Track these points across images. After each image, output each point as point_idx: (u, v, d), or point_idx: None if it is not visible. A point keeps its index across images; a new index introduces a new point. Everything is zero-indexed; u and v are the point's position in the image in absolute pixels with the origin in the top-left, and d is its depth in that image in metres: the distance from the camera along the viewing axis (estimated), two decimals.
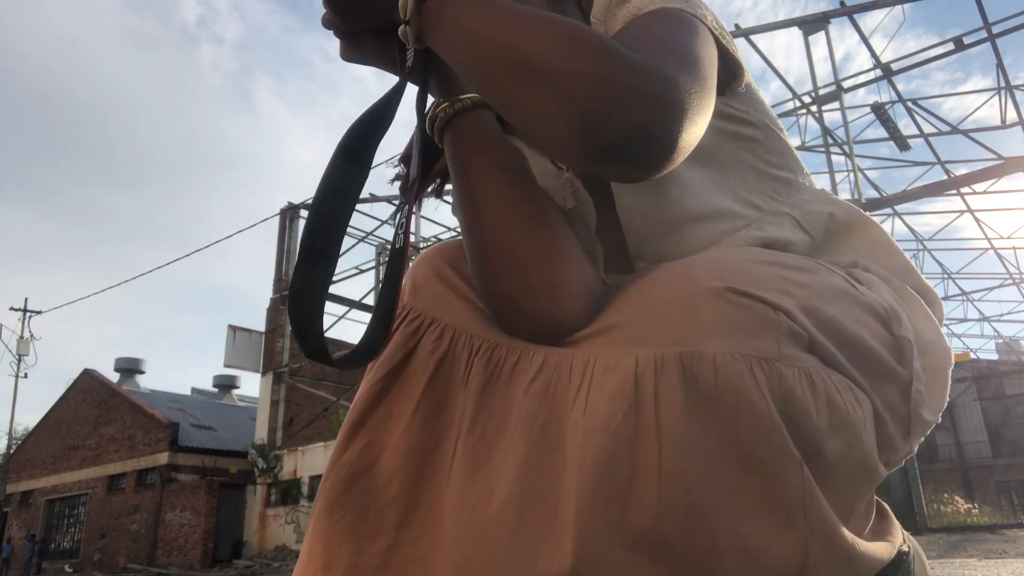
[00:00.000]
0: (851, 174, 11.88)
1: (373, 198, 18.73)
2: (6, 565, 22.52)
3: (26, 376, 26.38)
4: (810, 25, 11.60)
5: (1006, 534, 8.55)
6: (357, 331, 23.45)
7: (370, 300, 21.45)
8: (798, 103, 13.61)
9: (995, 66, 11.83)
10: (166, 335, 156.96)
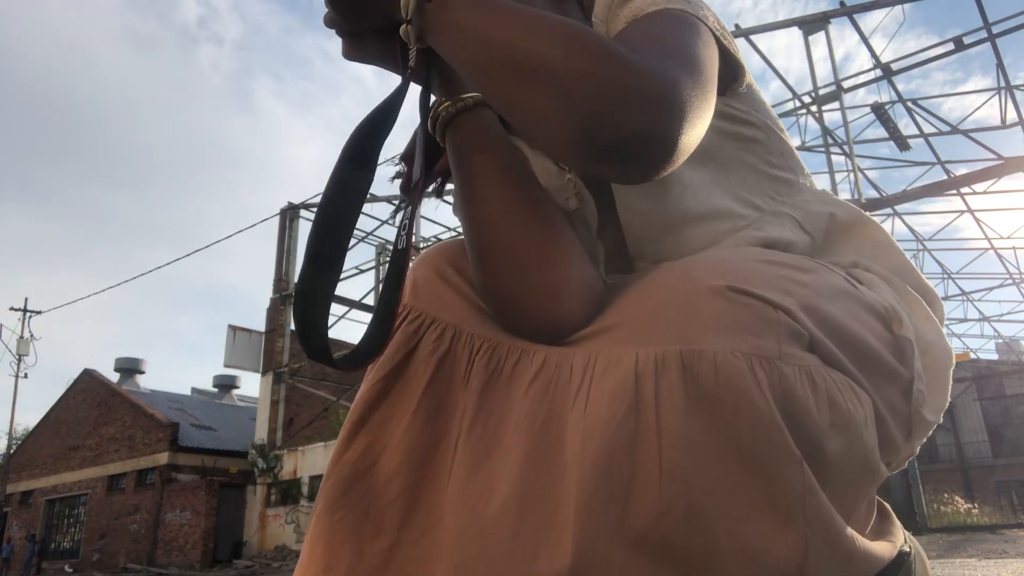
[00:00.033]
0: (851, 174, 11.88)
1: (373, 198, 18.70)
2: (6, 565, 22.51)
3: (26, 376, 26.39)
4: (810, 25, 11.60)
5: (1006, 534, 8.55)
6: (357, 331, 23.45)
7: (370, 300, 21.44)
8: (798, 103, 13.61)
9: (995, 66, 11.83)
10: (166, 335, 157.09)
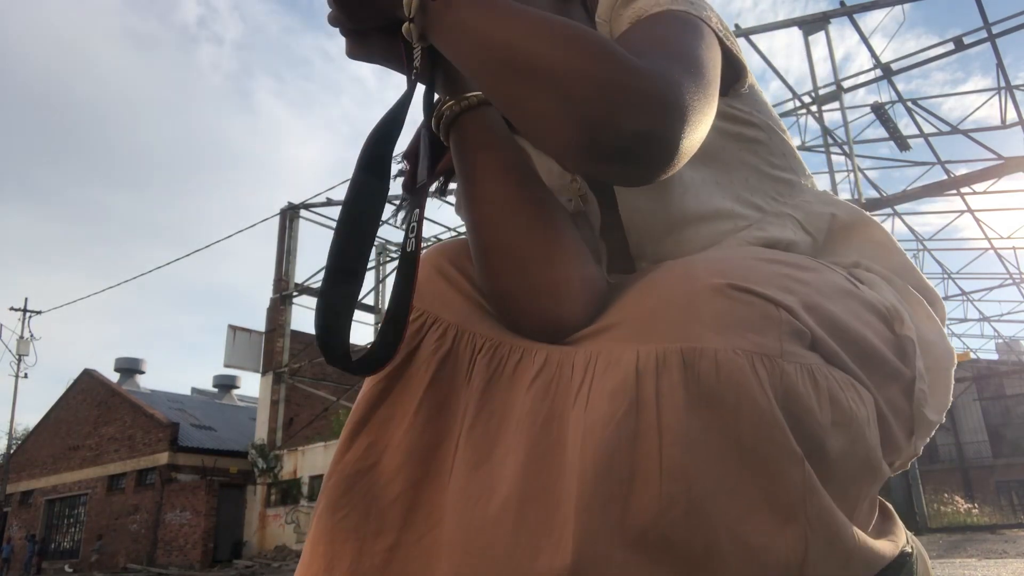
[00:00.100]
0: (851, 174, 11.88)
1: None
2: (6, 565, 22.50)
3: (26, 376, 26.39)
4: (810, 25, 11.60)
5: (1006, 534, 8.55)
6: (357, 330, 23.43)
7: (370, 300, 21.45)
8: (798, 103, 13.61)
9: (995, 66, 11.83)
10: (166, 335, 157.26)
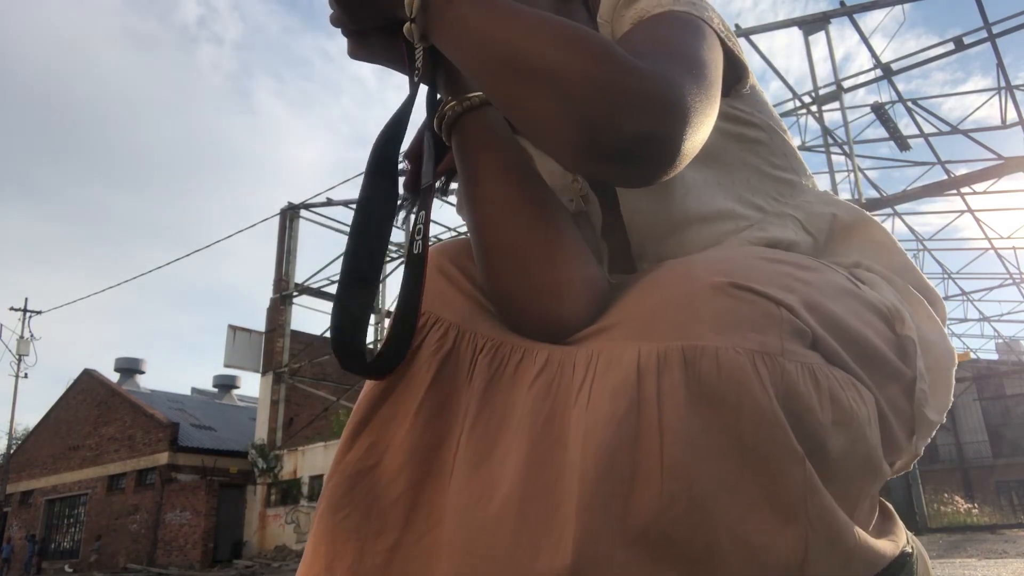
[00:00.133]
0: (851, 174, 11.89)
1: None
2: (6, 565, 22.50)
3: (26, 376, 26.39)
4: (810, 25, 11.60)
5: (1006, 534, 8.56)
6: None
7: None
8: (798, 103, 13.61)
9: (995, 66, 11.83)
10: (166, 335, 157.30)
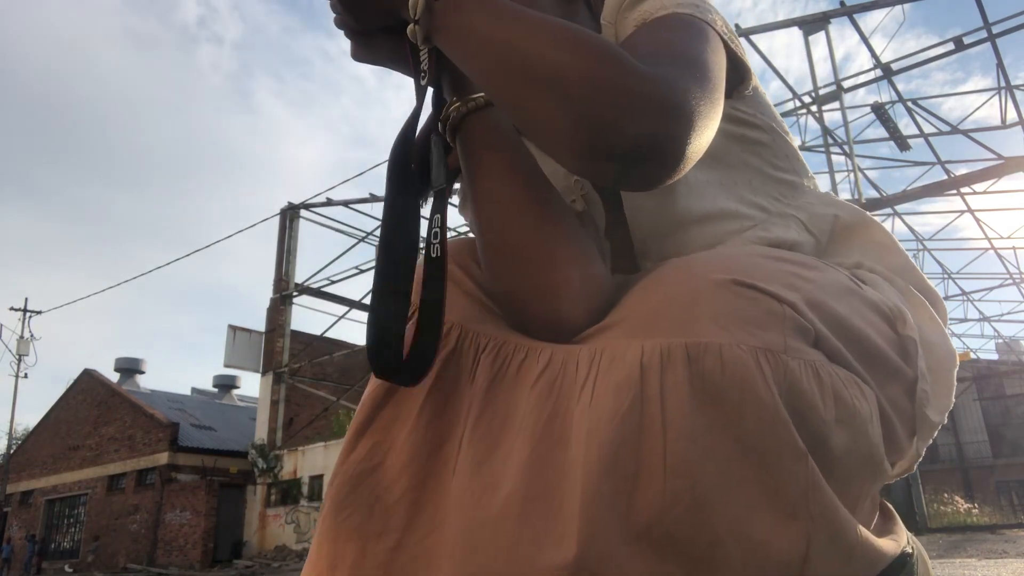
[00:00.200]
0: (851, 174, 11.89)
1: (373, 198, 18.70)
2: (6, 565, 22.50)
3: (26, 376, 26.41)
4: (810, 25, 11.60)
5: (1006, 534, 8.56)
6: (356, 330, 23.43)
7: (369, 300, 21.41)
8: (798, 103, 13.62)
9: (995, 66, 11.84)
10: (166, 335, 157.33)
